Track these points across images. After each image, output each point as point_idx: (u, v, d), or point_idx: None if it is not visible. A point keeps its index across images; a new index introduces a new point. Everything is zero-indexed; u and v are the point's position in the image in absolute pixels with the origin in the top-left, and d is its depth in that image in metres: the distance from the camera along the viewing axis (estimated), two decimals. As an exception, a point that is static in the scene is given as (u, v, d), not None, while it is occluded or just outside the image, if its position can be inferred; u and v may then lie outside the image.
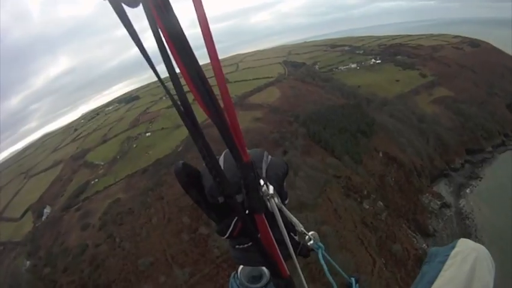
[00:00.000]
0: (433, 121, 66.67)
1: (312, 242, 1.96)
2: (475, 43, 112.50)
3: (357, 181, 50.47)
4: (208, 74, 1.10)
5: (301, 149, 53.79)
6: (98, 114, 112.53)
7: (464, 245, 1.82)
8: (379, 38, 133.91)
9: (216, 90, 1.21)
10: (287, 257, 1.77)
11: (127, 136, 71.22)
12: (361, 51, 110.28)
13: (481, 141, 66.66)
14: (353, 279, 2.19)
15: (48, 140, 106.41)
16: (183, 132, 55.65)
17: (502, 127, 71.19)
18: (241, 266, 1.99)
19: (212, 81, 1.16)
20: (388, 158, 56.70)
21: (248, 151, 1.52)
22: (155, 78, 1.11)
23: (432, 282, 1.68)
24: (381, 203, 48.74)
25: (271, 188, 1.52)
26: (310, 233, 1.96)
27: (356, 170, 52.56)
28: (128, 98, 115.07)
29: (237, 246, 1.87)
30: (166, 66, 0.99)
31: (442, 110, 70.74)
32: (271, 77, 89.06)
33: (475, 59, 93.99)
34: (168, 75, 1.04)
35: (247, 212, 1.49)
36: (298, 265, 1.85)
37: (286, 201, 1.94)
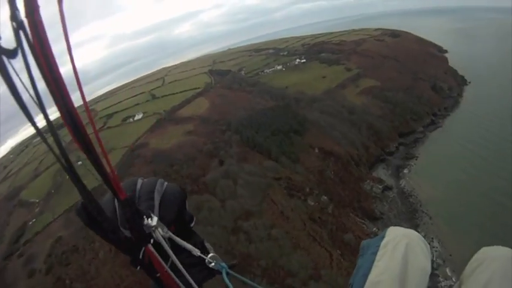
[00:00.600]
0: (363, 111, 71.21)
1: (213, 264, 2.03)
2: (395, 34, 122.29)
3: (297, 180, 52.51)
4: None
5: (237, 157, 55.09)
6: (26, 146, 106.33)
7: (393, 233, 1.96)
8: (302, 38, 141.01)
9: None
10: (202, 278, 1.94)
11: (58, 168, 68.35)
12: (286, 53, 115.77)
13: (411, 123, 72.65)
14: None
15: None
16: (116, 156, 56.18)
17: (429, 108, 78.35)
18: None
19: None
20: (324, 153, 59.51)
21: (143, 180, 1.76)
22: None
23: (367, 275, 1.79)
24: (325, 197, 51.02)
25: (154, 219, 1.58)
26: (209, 255, 2.03)
27: (295, 169, 54.74)
28: (56, 126, 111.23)
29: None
30: (44, 115, 1.09)
31: (370, 100, 75.94)
32: (199, 88, 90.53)
33: (396, 49, 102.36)
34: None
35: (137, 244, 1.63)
36: None
37: (192, 224, 2.04)
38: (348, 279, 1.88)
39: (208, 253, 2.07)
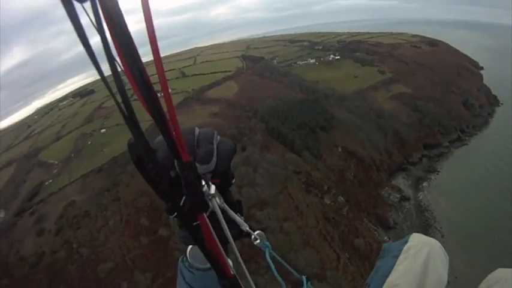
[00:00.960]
0: (391, 117, 70.45)
1: (258, 241, 2.03)
2: (433, 42, 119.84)
3: (317, 176, 52.34)
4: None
5: (260, 145, 55.03)
6: (51, 109, 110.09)
7: (417, 239, 1.95)
8: (338, 34, 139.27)
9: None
10: (236, 235, 1.84)
11: (81, 133, 70.63)
12: (320, 47, 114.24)
13: (438, 136, 71.49)
14: (304, 277, 2.29)
15: (1, 138, 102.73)
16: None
17: (458, 123, 76.74)
18: (189, 247, 1.93)
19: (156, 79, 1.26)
20: (347, 153, 59.22)
21: (198, 129, 1.69)
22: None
23: (387, 276, 1.80)
24: (342, 198, 50.93)
25: (212, 188, 1.56)
26: (256, 232, 2.00)
27: (316, 165, 54.57)
28: (83, 92, 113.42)
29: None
30: (110, 65, 1.04)
31: (399, 106, 74.92)
32: (230, 71, 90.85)
33: (432, 58, 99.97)
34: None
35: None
36: (244, 267, 1.87)
37: (233, 181, 1.96)
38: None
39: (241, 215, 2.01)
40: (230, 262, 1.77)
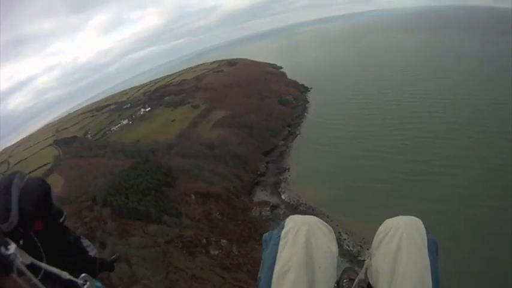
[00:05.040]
0: (222, 143, 71.94)
1: (86, 285, 1.86)
2: (232, 62, 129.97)
3: (189, 234, 49.64)
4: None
5: (118, 232, 49.63)
6: None
7: (293, 221, 1.97)
8: (142, 86, 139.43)
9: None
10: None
11: None
12: (128, 105, 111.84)
13: (272, 140, 76.30)
14: None
15: None
16: None
17: (283, 121, 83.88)
18: None
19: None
20: (202, 197, 57.86)
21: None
22: None
23: (273, 267, 1.79)
24: (224, 241, 49.24)
25: (11, 247, 1.41)
26: (80, 276, 1.86)
27: (182, 224, 51.69)
28: None
29: None
30: None
31: (225, 130, 77.58)
32: (48, 163, 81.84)
33: (236, 76, 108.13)
34: None
35: None
36: None
37: (62, 219, 1.88)
38: None
39: (86, 253, 2.08)
40: None
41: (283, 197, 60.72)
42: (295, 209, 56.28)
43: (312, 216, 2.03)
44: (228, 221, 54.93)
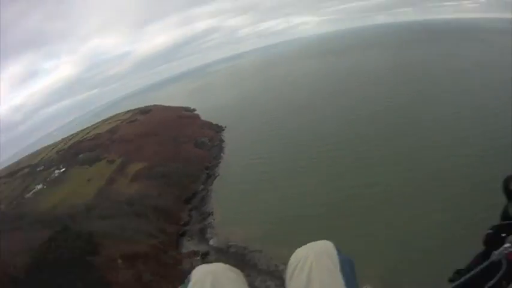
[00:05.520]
0: (141, 198, 71.56)
1: None
2: (145, 110, 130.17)
3: None
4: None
5: None
6: None
7: (198, 273, 2.02)
8: (54, 145, 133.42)
9: None
10: None
11: None
12: (42, 167, 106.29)
13: (191, 185, 76.73)
14: None
15: None
16: None
17: (200, 164, 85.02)
18: None
19: None
20: (129, 259, 55.61)
21: None
22: None
23: None
24: None
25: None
26: None
27: None
28: None
29: None
30: None
31: (144, 182, 77.33)
32: None
33: (151, 124, 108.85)
34: None
35: None
36: None
37: None
38: None
39: None
40: None
41: (211, 242, 60.79)
42: (226, 252, 56.20)
43: (217, 264, 2.08)
44: (160, 279, 53.32)
